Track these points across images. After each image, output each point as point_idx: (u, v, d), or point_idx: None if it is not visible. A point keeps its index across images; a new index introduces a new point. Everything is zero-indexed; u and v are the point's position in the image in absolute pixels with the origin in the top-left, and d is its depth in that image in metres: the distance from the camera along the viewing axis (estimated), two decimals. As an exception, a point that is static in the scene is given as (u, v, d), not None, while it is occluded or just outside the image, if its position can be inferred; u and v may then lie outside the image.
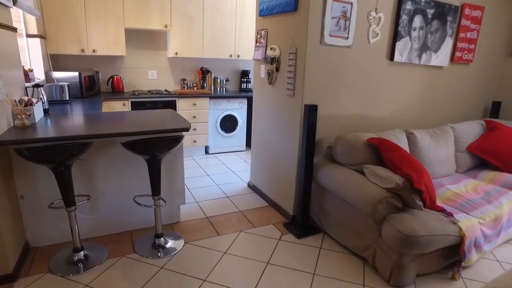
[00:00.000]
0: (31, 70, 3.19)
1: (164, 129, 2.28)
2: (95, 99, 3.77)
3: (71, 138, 2.04)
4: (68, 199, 2.11)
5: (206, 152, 4.82)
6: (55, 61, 4.11)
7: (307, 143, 2.56)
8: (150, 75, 4.67)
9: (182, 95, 4.31)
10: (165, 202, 2.61)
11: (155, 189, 2.36)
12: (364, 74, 2.84)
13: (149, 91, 4.47)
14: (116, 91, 4.35)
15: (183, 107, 4.36)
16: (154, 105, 4.19)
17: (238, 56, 4.79)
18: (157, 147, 2.19)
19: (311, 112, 2.49)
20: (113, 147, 2.43)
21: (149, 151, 2.19)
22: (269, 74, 2.99)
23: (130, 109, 4.08)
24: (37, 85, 2.70)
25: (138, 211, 2.65)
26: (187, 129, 2.37)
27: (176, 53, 4.40)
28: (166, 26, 4.25)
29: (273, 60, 2.90)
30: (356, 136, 2.51)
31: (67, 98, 3.41)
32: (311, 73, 2.59)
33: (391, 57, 2.90)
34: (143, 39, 4.52)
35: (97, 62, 4.34)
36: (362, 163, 2.41)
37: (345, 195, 2.33)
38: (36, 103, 2.39)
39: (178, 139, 2.25)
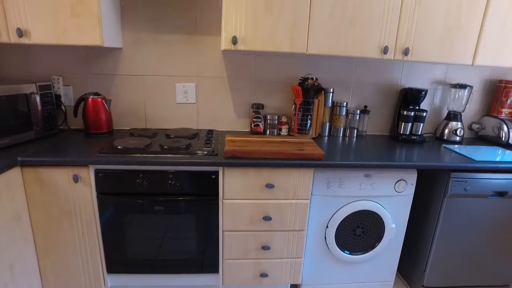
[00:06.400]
0: None
1: None
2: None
3: None
4: None
5: (294, 289, 1.96)
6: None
7: None
8: (180, 93, 2.02)
9: (235, 158, 1.53)
10: None
11: None
12: None
13: (168, 136, 1.83)
14: (91, 131, 1.83)
15: (238, 191, 1.57)
16: (162, 185, 1.53)
17: (405, 53, 1.75)
18: None
19: None
20: None
21: None
22: None
23: (94, 190, 1.51)
24: None
25: None
26: None
27: (235, 40, 1.64)
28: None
29: None
30: None
31: None
32: None
33: None
34: (161, 5, 1.89)
35: (63, 62, 1.91)
36: None
37: None
38: None
39: None
